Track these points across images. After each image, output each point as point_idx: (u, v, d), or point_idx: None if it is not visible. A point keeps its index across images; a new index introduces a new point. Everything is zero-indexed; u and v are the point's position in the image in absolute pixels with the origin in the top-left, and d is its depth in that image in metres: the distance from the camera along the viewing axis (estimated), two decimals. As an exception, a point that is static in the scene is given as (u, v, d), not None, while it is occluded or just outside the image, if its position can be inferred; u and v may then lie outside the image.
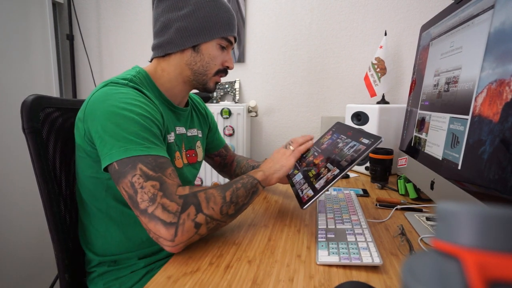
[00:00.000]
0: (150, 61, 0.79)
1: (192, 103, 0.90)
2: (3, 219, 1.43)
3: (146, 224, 0.55)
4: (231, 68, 0.80)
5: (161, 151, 0.61)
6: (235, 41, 0.80)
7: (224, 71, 0.79)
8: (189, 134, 0.84)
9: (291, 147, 0.82)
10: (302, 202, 0.66)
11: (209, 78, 0.77)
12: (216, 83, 0.80)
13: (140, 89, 0.67)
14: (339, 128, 0.85)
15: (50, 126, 0.73)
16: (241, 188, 0.64)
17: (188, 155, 0.82)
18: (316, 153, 0.82)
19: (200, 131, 0.90)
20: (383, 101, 1.35)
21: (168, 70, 0.75)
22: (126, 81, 0.67)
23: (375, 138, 0.63)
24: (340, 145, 0.74)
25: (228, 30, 0.75)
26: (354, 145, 0.68)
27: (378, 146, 0.63)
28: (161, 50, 0.74)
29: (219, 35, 0.74)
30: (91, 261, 0.72)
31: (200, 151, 0.88)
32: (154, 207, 0.54)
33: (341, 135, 0.79)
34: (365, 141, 0.65)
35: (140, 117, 0.61)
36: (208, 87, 0.79)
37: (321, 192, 0.63)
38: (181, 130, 0.80)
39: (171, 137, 0.74)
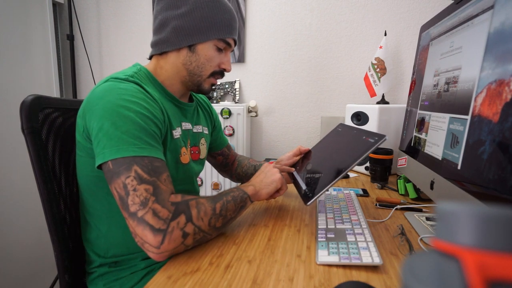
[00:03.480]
0: (149, 58, 0.79)
1: (197, 99, 0.90)
2: (3, 220, 1.43)
3: (134, 228, 0.54)
4: (228, 71, 0.79)
5: (155, 152, 0.59)
6: (235, 44, 0.79)
7: (220, 73, 0.78)
8: (194, 130, 0.83)
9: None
10: (306, 198, 0.67)
11: (203, 80, 0.76)
12: (212, 85, 0.78)
13: (141, 84, 0.66)
14: (342, 129, 0.86)
15: (49, 126, 0.73)
16: (231, 201, 0.64)
17: (192, 152, 0.81)
18: (319, 152, 0.82)
19: (206, 128, 0.89)
20: (383, 101, 1.35)
21: (166, 68, 0.75)
22: (127, 76, 0.66)
23: (379, 136, 0.64)
24: (344, 143, 0.75)
25: (226, 32, 0.73)
26: (358, 143, 0.68)
27: (378, 146, 0.64)
28: (158, 48, 0.74)
29: (216, 37, 0.72)
30: (92, 262, 0.72)
31: (203, 149, 0.87)
32: (145, 211, 0.53)
33: (344, 135, 0.79)
34: (370, 140, 0.66)
35: (137, 114, 0.59)
36: (202, 88, 0.77)
37: (327, 187, 0.64)
38: (187, 125, 0.79)
39: (177, 133, 0.73)
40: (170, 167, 0.71)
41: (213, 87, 1.64)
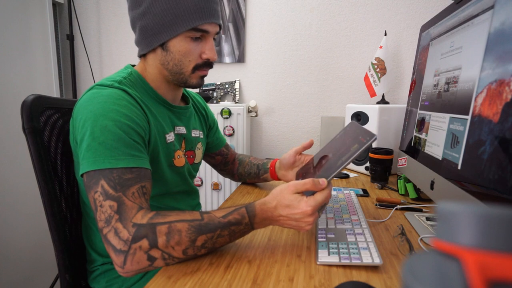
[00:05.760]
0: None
1: (193, 102, 0.88)
2: (4, 219, 1.43)
3: (103, 243, 0.53)
4: (213, 59, 0.69)
5: (134, 162, 0.57)
6: (220, 28, 0.70)
7: (205, 65, 0.70)
8: (193, 135, 0.82)
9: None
10: None
11: (187, 76, 0.69)
12: (201, 77, 0.72)
13: (126, 90, 0.63)
14: (351, 127, 0.85)
15: (50, 126, 0.73)
16: (226, 236, 0.55)
17: (186, 156, 0.80)
18: (323, 153, 0.82)
19: (202, 132, 0.88)
20: (383, 101, 1.35)
21: (149, 70, 0.72)
22: (112, 82, 0.63)
23: (370, 136, 0.62)
24: (344, 145, 0.74)
25: (195, 18, 0.64)
26: (352, 144, 0.68)
27: (378, 146, 0.63)
28: (138, 51, 0.72)
29: (184, 28, 0.64)
30: (95, 261, 0.72)
31: (199, 153, 0.86)
32: (108, 229, 0.52)
33: (348, 135, 0.78)
34: (363, 139, 0.64)
35: (117, 123, 0.57)
36: (190, 85, 0.71)
37: None
38: (180, 129, 0.78)
39: (170, 137, 0.72)
40: (164, 171, 0.71)
41: (210, 88, 1.64)
